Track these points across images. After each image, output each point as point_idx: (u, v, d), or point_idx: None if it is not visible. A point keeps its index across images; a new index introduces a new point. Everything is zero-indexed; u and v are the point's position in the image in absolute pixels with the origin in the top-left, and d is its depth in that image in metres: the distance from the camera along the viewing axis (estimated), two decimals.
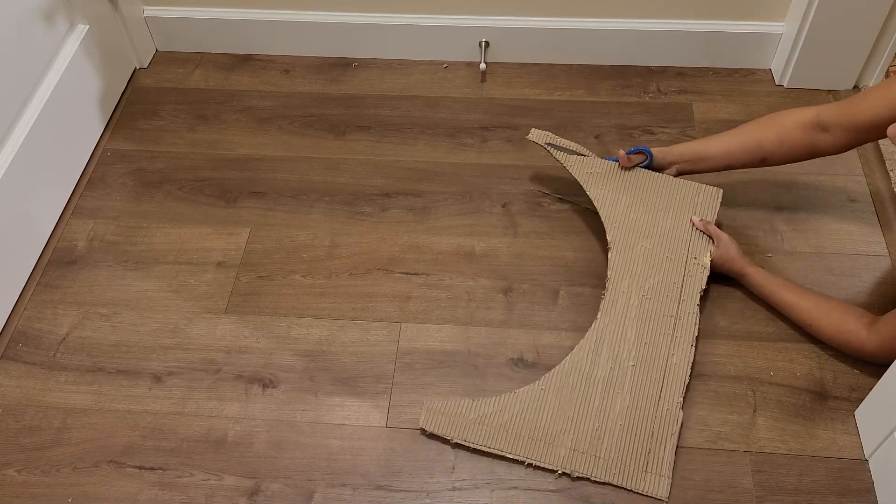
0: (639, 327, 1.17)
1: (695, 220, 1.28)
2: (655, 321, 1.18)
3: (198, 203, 1.45)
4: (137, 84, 1.68)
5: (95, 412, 1.17)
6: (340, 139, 1.55)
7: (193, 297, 1.30)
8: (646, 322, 1.18)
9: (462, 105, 1.61)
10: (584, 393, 1.12)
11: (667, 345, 1.16)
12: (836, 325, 1.16)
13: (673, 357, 1.15)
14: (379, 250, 1.36)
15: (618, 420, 1.10)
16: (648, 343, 1.16)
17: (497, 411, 1.12)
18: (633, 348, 1.16)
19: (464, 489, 1.08)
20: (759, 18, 1.58)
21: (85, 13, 1.49)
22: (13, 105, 1.31)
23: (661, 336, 1.17)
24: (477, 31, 1.64)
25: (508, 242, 1.36)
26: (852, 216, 1.38)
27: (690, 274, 1.23)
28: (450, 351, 1.23)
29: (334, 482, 1.09)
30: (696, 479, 1.08)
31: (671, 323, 1.18)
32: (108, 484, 1.10)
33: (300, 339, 1.25)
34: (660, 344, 1.16)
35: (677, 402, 1.12)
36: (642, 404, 1.11)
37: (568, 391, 1.13)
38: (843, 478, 1.08)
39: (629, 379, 1.13)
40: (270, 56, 1.73)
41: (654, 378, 1.13)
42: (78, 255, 1.37)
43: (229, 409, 1.17)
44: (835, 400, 1.15)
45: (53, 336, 1.26)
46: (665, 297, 1.20)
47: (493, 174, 1.47)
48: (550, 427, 1.10)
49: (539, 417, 1.11)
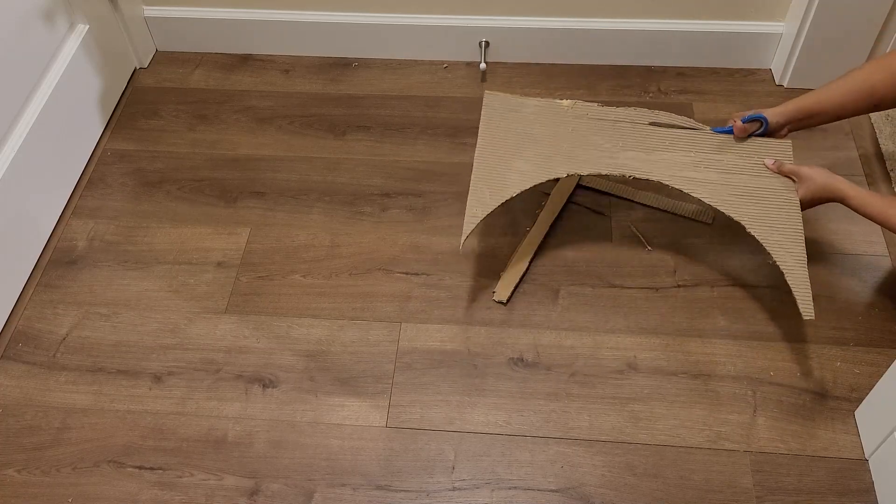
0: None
1: (768, 162, 1.23)
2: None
3: (198, 203, 1.45)
4: (137, 84, 1.68)
5: (95, 412, 1.17)
6: (340, 139, 1.55)
7: (193, 297, 1.30)
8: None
9: (462, 105, 1.61)
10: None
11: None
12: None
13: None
14: (379, 250, 1.36)
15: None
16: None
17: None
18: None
19: (464, 489, 1.08)
20: (759, 18, 1.58)
21: (85, 13, 1.49)
22: (13, 105, 1.31)
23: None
24: (477, 31, 1.64)
25: (508, 242, 1.36)
26: (852, 216, 1.37)
27: (782, 209, 1.19)
28: (450, 351, 1.23)
29: (334, 482, 1.09)
30: (696, 479, 1.08)
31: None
32: (108, 484, 1.10)
33: (300, 339, 1.25)
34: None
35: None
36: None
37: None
38: (843, 478, 1.08)
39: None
40: (270, 56, 1.73)
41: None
42: (78, 255, 1.37)
43: (229, 409, 1.17)
44: (835, 400, 1.16)
45: (53, 336, 1.26)
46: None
47: None
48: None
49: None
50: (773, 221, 1.17)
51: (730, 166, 1.24)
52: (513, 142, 1.28)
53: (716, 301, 1.27)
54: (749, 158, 1.24)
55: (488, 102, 1.33)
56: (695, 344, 1.22)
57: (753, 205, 1.19)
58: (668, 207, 1.40)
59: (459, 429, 1.14)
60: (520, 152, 1.27)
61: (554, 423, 1.14)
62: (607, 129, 1.29)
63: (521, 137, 1.29)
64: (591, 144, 1.27)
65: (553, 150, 1.27)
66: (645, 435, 1.13)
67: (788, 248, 1.15)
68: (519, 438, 1.13)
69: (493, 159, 1.26)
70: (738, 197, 1.20)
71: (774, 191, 1.21)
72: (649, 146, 1.26)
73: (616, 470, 1.10)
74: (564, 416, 1.15)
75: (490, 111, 1.32)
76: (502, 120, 1.31)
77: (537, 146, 1.27)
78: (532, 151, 1.27)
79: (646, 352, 1.21)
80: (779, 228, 1.17)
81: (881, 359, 1.19)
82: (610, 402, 1.16)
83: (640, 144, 1.27)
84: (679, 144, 1.27)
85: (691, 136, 1.27)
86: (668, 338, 1.23)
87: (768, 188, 1.21)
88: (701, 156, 1.25)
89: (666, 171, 1.23)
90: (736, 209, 1.19)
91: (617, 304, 1.27)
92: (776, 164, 1.23)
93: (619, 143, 1.27)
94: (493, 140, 1.29)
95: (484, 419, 1.15)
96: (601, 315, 1.26)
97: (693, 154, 1.25)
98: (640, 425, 1.14)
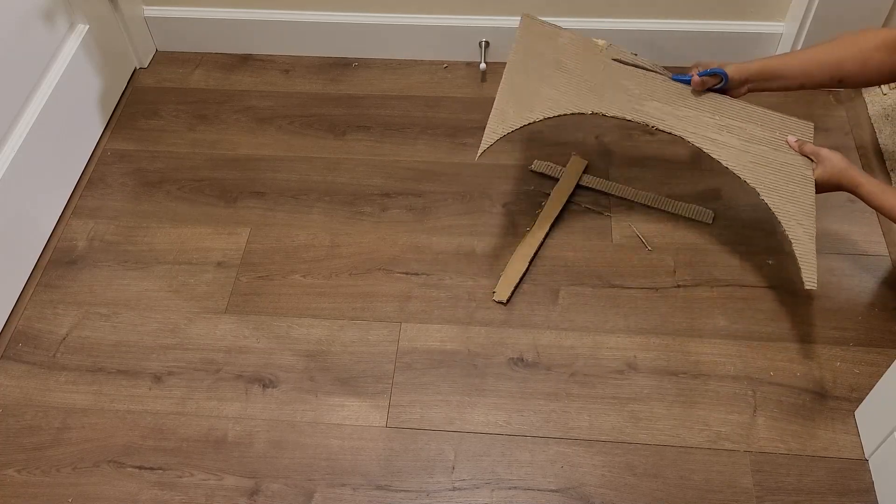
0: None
1: (790, 140, 1.23)
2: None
3: (198, 203, 1.45)
4: (137, 84, 1.68)
5: (95, 412, 1.17)
6: (340, 139, 1.55)
7: (193, 297, 1.30)
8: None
9: (462, 105, 1.61)
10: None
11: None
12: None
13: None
14: (379, 250, 1.36)
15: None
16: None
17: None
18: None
19: (464, 489, 1.08)
20: (759, 18, 1.58)
21: (85, 13, 1.49)
22: (13, 105, 1.31)
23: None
24: (477, 31, 1.64)
25: (508, 242, 1.36)
26: (852, 216, 1.38)
27: (797, 184, 1.19)
28: (450, 351, 1.23)
29: (334, 482, 1.09)
30: (696, 479, 1.08)
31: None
32: (108, 484, 1.10)
33: (300, 339, 1.25)
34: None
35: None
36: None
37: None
38: (843, 478, 1.08)
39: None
40: (270, 56, 1.73)
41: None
42: (78, 255, 1.37)
43: (229, 409, 1.17)
44: (835, 400, 1.16)
45: (53, 336, 1.26)
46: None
47: (493, 174, 1.47)
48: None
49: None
50: (787, 193, 1.17)
51: (752, 136, 1.23)
52: (543, 67, 1.26)
53: (716, 301, 1.27)
54: (772, 133, 1.24)
55: (525, 24, 1.32)
56: (695, 344, 1.22)
57: (770, 174, 1.19)
58: (668, 207, 1.40)
59: (459, 429, 1.14)
60: (549, 79, 1.25)
61: (554, 423, 1.14)
62: (638, 77, 1.28)
63: (553, 65, 1.27)
64: (621, 87, 1.26)
65: (582, 84, 1.25)
66: (645, 435, 1.13)
67: (799, 220, 1.15)
68: (519, 438, 1.13)
69: (522, 80, 1.25)
70: (756, 165, 1.20)
71: (793, 166, 1.20)
72: (677, 102, 1.25)
73: (616, 470, 1.10)
74: (564, 416, 1.15)
75: (526, 32, 1.30)
76: (537, 43, 1.29)
77: (568, 76, 1.26)
78: (562, 80, 1.25)
79: (646, 352, 1.21)
80: (792, 200, 1.16)
81: (881, 359, 1.19)
82: (610, 402, 1.16)
83: (668, 98, 1.26)
84: (705, 106, 1.26)
85: (719, 101, 1.26)
86: (668, 338, 1.23)
87: (787, 163, 1.21)
88: (726, 121, 1.24)
89: (689, 127, 1.23)
90: (753, 175, 1.19)
91: (617, 304, 1.27)
92: (798, 142, 1.23)
93: (647, 92, 1.26)
94: (524, 61, 1.27)
95: (484, 419, 1.15)
96: (601, 315, 1.26)
97: (718, 118, 1.24)
98: (640, 425, 1.14)
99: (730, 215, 1.38)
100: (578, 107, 1.23)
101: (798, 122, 1.26)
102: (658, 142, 1.51)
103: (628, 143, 1.51)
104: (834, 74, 1.21)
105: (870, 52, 1.18)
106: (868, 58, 1.18)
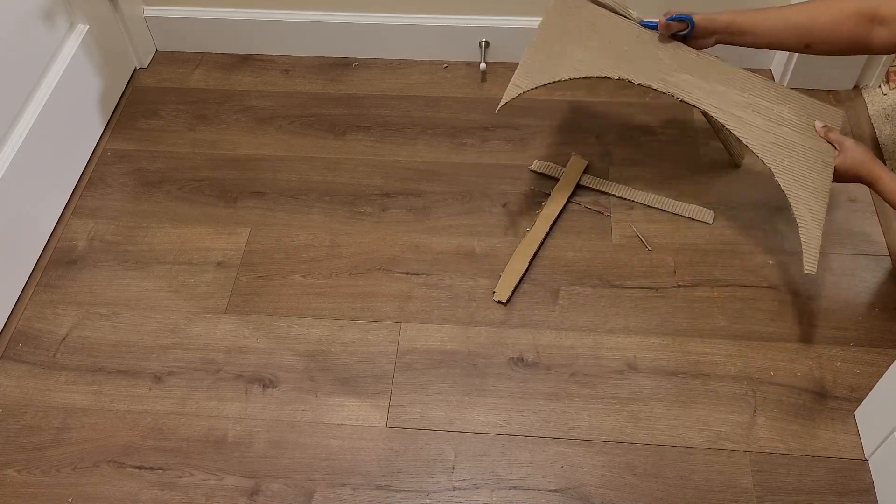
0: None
1: (817, 125, 1.22)
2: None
3: (198, 203, 1.45)
4: (137, 84, 1.68)
5: (95, 412, 1.17)
6: (340, 139, 1.55)
7: (193, 297, 1.31)
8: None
9: (462, 105, 1.61)
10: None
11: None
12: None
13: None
14: (379, 250, 1.36)
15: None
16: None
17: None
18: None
19: (464, 489, 1.08)
20: None
21: (85, 13, 1.49)
22: (13, 105, 1.31)
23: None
24: (477, 31, 1.64)
25: (508, 242, 1.36)
26: (852, 216, 1.38)
27: (816, 170, 1.19)
28: (450, 351, 1.23)
29: (334, 482, 1.09)
30: (696, 479, 1.08)
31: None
32: (108, 484, 1.10)
33: (300, 339, 1.25)
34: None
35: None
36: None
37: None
38: (843, 478, 1.08)
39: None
40: (270, 56, 1.73)
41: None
42: (78, 255, 1.37)
43: (229, 409, 1.17)
44: (835, 400, 1.16)
45: (53, 336, 1.26)
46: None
47: (493, 174, 1.47)
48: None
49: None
50: (802, 177, 1.17)
51: (778, 117, 1.23)
52: (577, 28, 1.26)
53: (716, 301, 1.27)
54: (799, 116, 1.24)
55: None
56: (695, 344, 1.22)
57: (788, 156, 1.19)
58: (668, 207, 1.40)
59: (459, 429, 1.14)
60: (581, 41, 1.25)
61: (554, 423, 1.14)
62: (670, 49, 1.27)
63: (586, 27, 1.27)
64: (652, 56, 1.25)
65: (614, 48, 1.25)
66: (645, 435, 1.13)
67: (809, 205, 1.14)
68: (519, 438, 1.13)
69: (554, 37, 1.25)
70: (776, 146, 1.20)
71: (815, 151, 1.20)
72: (707, 76, 1.25)
73: (616, 470, 1.10)
74: (564, 416, 1.15)
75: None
76: (574, 5, 1.29)
77: (599, 38, 1.26)
78: (594, 42, 1.25)
79: (646, 352, 1.21)
80: (806, 185, 1.16)
81: (881, 359, 1.19)
82: (610, 402, 1.16)
83: (699, 72, 1.25)
84: (736, 83, 1.25)
85: (749, 79, 1.26)
86: (668, 338, 1.23)
87: (809, 147, 1.20)
88: (753, 99, 1.24)
89: (715, 102, 1.22)
90: (770, 156, 1.18)
91: (617, 304, 1.27)
92: (825, 129, 1.22)
93: (677, 64, 1.25)
94: (559, 20, 1.27)
95: (484, 419, 1.15)
96: (601, 315, 1.26)
97: (747, 96, 1.24)
98: (640, 425, 1.14)
99: (730, 215, 1.38)
100: (605, 71, 1.22)
101: (829, 108, 1.27)
102: (658, 142, 1.51)
103: (628, 143, 1.51)
104: (803, 37, 1.20)
105: (844, 17, 1.16)
106: (841, 22, 1.16)
